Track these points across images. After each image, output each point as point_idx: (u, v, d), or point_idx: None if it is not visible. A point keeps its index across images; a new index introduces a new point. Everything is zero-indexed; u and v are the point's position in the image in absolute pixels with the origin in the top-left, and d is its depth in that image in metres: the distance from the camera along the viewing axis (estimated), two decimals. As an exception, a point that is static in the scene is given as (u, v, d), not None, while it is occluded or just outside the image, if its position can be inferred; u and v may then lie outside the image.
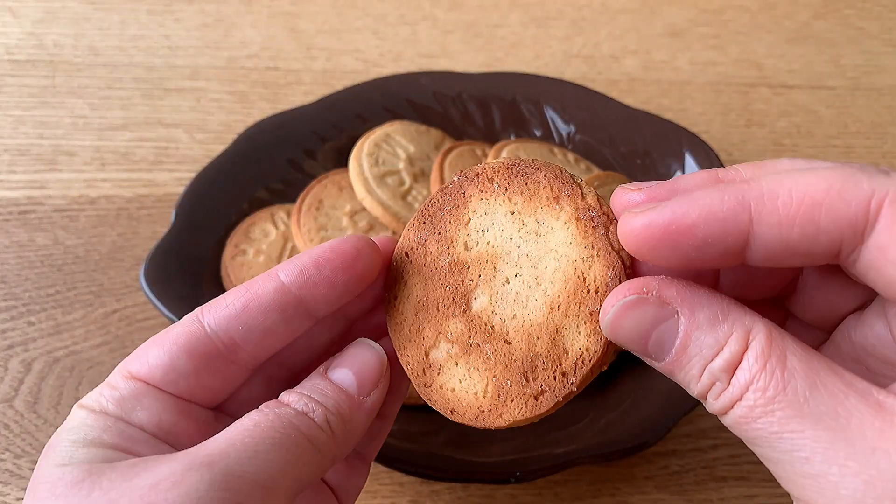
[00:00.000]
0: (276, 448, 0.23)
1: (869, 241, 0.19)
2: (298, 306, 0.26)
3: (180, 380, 0.25)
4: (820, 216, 0.19)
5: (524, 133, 0.57)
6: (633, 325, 0.22)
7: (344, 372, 0.26)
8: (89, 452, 0.23)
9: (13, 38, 0.66)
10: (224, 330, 0.26)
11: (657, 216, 0.21)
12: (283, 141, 0.54)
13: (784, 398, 0.19)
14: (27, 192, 0.55)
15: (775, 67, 0.69)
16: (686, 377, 0.21)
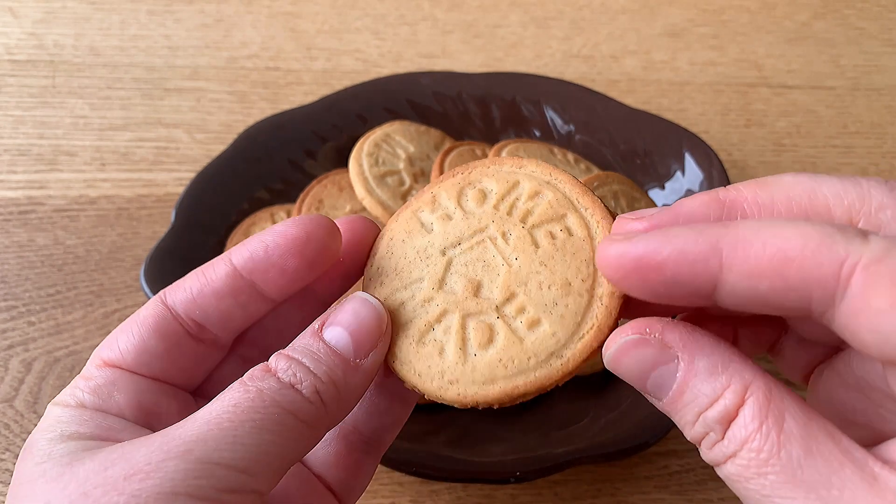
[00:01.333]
0: (256, 431, 0.22)
1: (841, 305, 0.19)
2: (252, 291, 0.26)
3: (153, 361, 0.25)
4: (790, 273, 0.19)
5: (524, 133, 0.57)
6: (633, 364, 0.22)
7: (338, 331, 0.24)
8: (67, 447, 0.22)
9: (13, 38, 0.66)
10: (185, 312, 0.26)
11: (631, 248, 0.21)
12: (283, 141, 0.54)
13: (778, 462, 0.19)
14: (27, 192, 0.55)
15: (775, 67, 0.69)
16: (681, 421, 0.22)
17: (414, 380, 0.25)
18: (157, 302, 0.26)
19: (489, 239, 0.26)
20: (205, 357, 0.27)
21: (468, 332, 0.25)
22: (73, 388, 0.25)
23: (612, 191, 0.50)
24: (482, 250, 0.26)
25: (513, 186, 0.27)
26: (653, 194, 0.52)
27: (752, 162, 0.61)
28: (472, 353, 0.25)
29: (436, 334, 0.25)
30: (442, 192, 0.27)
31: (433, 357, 0.25)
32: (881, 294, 0.18)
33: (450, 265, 0.26)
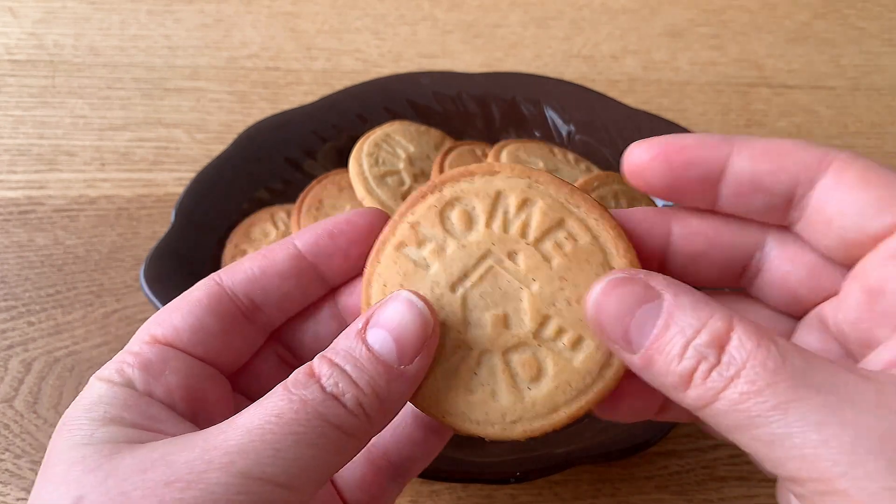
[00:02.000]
0: (299, 445, 0.21)
1: (819, 184, 0.23)
2: (313, 274, 0.26)
3: (208, 339, 0.25)
4: (785, 157, 0.23)
5: (524, 133, 0.57)
6: (617, 303, 0.22)
7: (382, 335, 0.23)
8: (109, 432, 0.22)
9: (13, 38, 0.66)
10: (243, 292, 0.26)
11: (658, 140, 0.24)
12: (283, 141, 0.54)
13: (785, 371, 0.19)
14: (27, 192, 0.55)
15: (775, 67, 0.69)
16: (667, 359, 0.21)
17: (473, 428, 0.24)
18: (211, 282, 0.26)
19: (497, 265, 0.25)
20: (252, 340, 0.27)
21: (514, 368, 0.24)
22: (120, 362, 0.24)
23: (613, 191, 0.49)
24: (494, 278, 0.25)
25: (496, 199, 0.25)
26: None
27: (753, 162, 0.61)
28: (527, 388, 0.24)
29: (481, 378, 0.24)
30: (420, 221, 0.25)
31: (487, 402, 0.24)
32: (855, 170, 0.22)
33: (465, 302, 0.25)
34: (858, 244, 0.22)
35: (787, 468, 0.19)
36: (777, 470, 0.20)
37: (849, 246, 0.22)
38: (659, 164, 0.24)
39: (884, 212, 0.21)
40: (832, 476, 0.18)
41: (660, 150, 0.24)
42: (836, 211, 0.22)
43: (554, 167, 0.52)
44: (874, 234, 0.22)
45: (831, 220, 0.22)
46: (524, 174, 0.25)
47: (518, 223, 0.25)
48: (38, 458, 0.42)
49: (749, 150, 0.23)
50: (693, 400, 0.21)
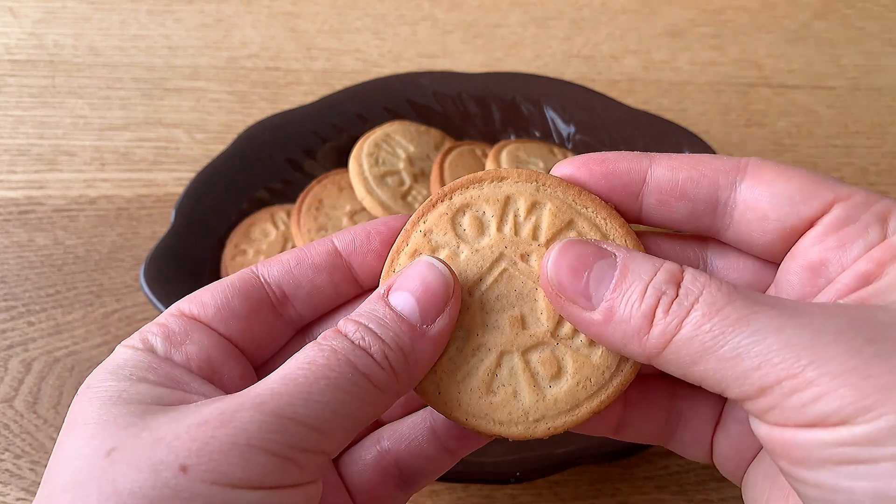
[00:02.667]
0: (331, 389, 0.21)
1: (741, 185, 0.24)
2: (347, 272, 0.27)
3: (232, 320, 0.26)
4: (703, 166, 0.24)
5: (524, 133, 0.57)
6: (574, 259, 0.23)
7: (404, 296, 0.24)
8: (138, 390, 0.22)
9: (13, 38, 0.66)
10: (276, 282, 0.26)
11: (580, 156, 0.26)
12: (283, 141, 0.54)
13: (739, 294, 0.21)
14: (27, 192, 0.55)
15: (775, 67, 0.69)
16: (628, 304, 0.22)
17: (497, 429, 0.25)
18: (248, 270, 0.27)
19: (511, 267, 0.25)
20: (279, 332, 0.27)
21: (534, 367, 0.25)
22: (144, 331, 0.25)
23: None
24: (509, 280, 0.25)
25: (505, 204, 0.26)
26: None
27: (753, 162, 0.61)
28: (547, 386, 0.25)
29: (502, 379, 0.25)
30: (432, 229, 0.26)
31: (509, 402, 0.25)
32: (770, 169, 0.24)
33: (483, 305, 0.25)
34: (796, 230, 0.24)
35: (753, 380, 0.20)
36: (744, 388, 0.21)
37: (787, 234, 0.24)
38: (581, 174, 0.25)
39: (812, 197, 0.23)
40: (798, 370, 0.20)
41: (582, 163, 0.25)
42: (769, 205, 0.24)
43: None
44: (808, 218, 0.23)
45: (766, 214, 0.24)
46: (532, 178, 0.26)
47: (529, 226, 0.25)
48: (38, 458, 0.42)
49: (667, 161, 0.25)
50: (656, 337, 0.22)
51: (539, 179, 0.26)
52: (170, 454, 0.20)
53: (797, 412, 0.20)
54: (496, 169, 0.27)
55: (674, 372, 0.22)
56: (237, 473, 0.20)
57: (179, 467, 0.20)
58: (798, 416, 0.20)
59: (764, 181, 0.24)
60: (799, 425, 0.20)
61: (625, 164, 0.25)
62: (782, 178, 0.24)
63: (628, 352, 0.23)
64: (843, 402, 0.19)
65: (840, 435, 0.19)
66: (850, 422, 0.19)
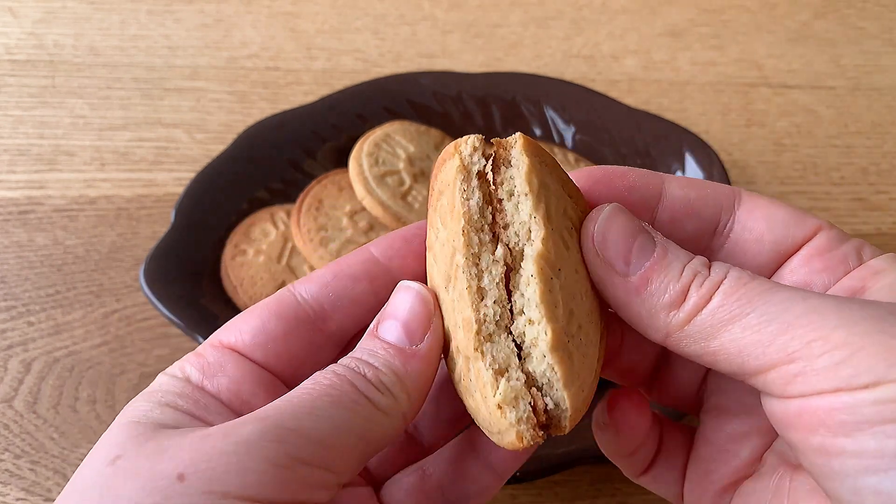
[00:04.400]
0: (333, 405, 0.22)
1: (740, 209, 0.26)
2: (387, 279, 0.27)
3: (269, 343, 0.26)
4: (707, 187, 0.26)
5: (524, 133, 0.57)
6: (623, 226, 0.24)
7: (390, 324, 0.25)
8: (161, 413, 0.23)
9: (13, 38, 0.66)
10: (314, 298, 0.26)
11: (598, 168, 0.26)
12: (283, 141, 0.54)
13: (761, 276, 0.23)
14: (27, 192, 0.55)
15: (775, 67, 0.69)
16: (666, 278, 0.23)
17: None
18: (284, 290, 0.27)
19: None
20: (318, 349, 0.27)
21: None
22: (183, 361, 0.26)
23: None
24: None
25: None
26: (653, 194, 0.52)
27: (753, 162, 0.61)
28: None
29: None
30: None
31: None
32: (760, 197, 0.26)
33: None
34: (786, 253, 0.25)
35: (779, 344, 0.21)
36: (768, 354, 0.21)
37: (779, 256, 0.25)
38: (603, 187, 0.26)
39: (802, 221, 0.25)
40: (827, 331, 0.20)
41: (602, 175, 0.26)
42: (766, 227, 0.25)
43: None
44: (798, 242, 0.25)
45: (763, 236, 0.25)
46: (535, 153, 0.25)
47: (542, 209, 0.24)
48: (38, 458, 0.42)
49: (678, 181, 0.26)
50: (688, 308, 0.22)
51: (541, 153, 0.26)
52: (169, 463, 0.20)
53: (828, 374, 0.20)
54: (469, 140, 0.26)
55: (688, 348, 0.23)
56: (234, 482, 0.20)
57: (177, 476, 0.20)
58: (829, 378, 0.19)
59: (759, 206, 0.26)
60: (829, 390, 0.20)
61: (644, 180, 0.26)
62: (774, 205, 0.26)
63: (649, 325, 0.23)
64: (876, 359, 0.19)
65: (879, 394, 0.19)
66: (885, 380, 0.19)
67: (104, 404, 0.44)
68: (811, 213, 0.26)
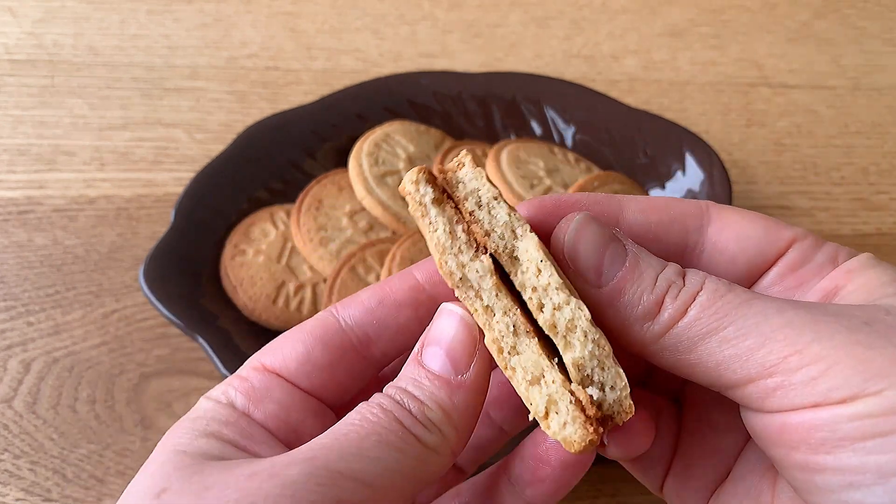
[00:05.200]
0: (381, 445, 0.21)
1: (709, 228, 0.25)
2: (432, 305, 0.26)
3: (314, 371, 0.25)
4: (671, 209, 0.25)
5: (524, 133, 0.57)
6: (593, 236, 0.23)
7: (434, 351, 0.24)
8: (207, 443, 0.22)
9: (12, 37, 0.66)
10: (359, 324, 0.26)
11: (547, 197, 0.26)
12: (283, 141, 0.54)
13: (737, 286, 0.22)
14: (26, 191, 0.55)
15: (776, 67, 0.69)
16: (639, 289, 0.23)
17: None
18: (327, 314, 0.26)
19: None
20: (361, 374, 0.27)
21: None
22: (227, 385, 0.25)
23: (613, 190, 0.49)
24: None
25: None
26: (653, 194, 0.52)
27: (753, 161, 0.61)
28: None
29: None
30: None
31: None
32: (731, 213, 0.25)
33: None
34: (759, 270, 0.25)
35: (757, 358, 0.20)
36: (746, 367, 0.21)
37: (752, 274, 0.25)
38: (555, 219, 0.24)
39: (774, 237, 0.25)
40: (803, 345, 0.20)
41: (554, 206, 0.25)
42: (738, 248, 0.25)
43: (554, 167, 0.52)
44: (771, 258, 0.25)
45: (736, 257, 0.25)
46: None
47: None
48: (37, 459, 0.42)
49: (637, 205, 0.25)
50: (664, 320, 0.22)
51: None
52: (215, 502, 0.20)
53: (805, 388, 0.20)
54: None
55: (665, 360, 0.22)
56: None
57: None
58: (806, 394, 0.20)
59: (729, 224, 0.25)
60: (807, 405, 0.20)
61: (598, 208, 0.25)
62: (745, 220, 0.25)
63: (625, 336, 0.23)
64: (852, 372, 0.19)
65: (857, 409, 0.19)
66: (863, 394, 0.19)
67: (103, 404, 0.44)
68: (786, 222, 0.25)
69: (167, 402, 0.45)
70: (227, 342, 0.43)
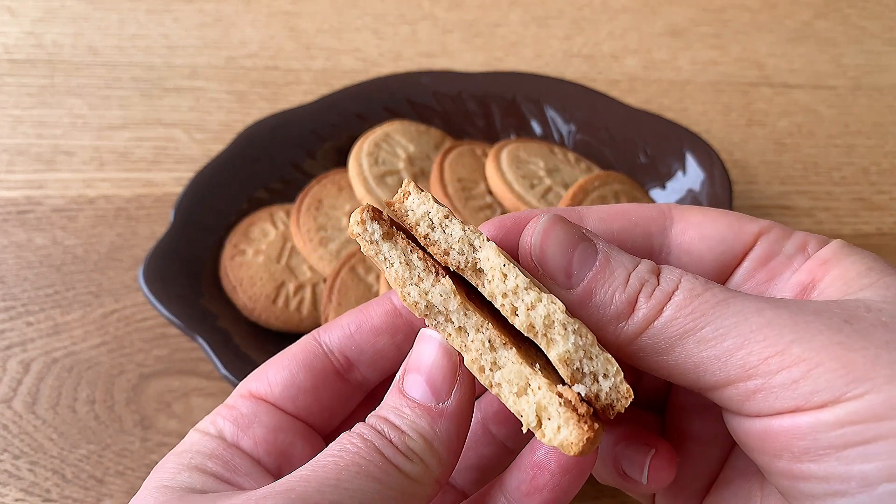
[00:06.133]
0: (359, 477, 0.21)
1: (672, 230, 0.25)
2: (409, 330, 0.26)
3: (299, 395, 0.26)
4: (631, 215, 0.25)
5: (524, 133, 0.57)
6: (560, 237, 0.23)
7: (414, 379, 0.23)
8: (190, 477, 0.23)
9: (12, 37, 0.66)
10: (339, 349, 0.26)
11: (504, 218, 0.25)
12: (283, 141, 0.54)
13: (714, 284, 0.22)
14: (26, 191, 0.55)
15: (776, 67, 0.69)
16: (610, 289, 0.22)
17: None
18: (310, 339, 0.26)
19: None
20: (347, 398, 0.27)
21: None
22: (216, 414, 0.25)
23: (614, 190, 0.49)
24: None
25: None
26: (654, 194, 0.52)
27: (754, 161, 0.61)
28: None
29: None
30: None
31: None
32: (694, 212, 0.25)
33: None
34: (728, 267, 0.24)
35: (736, 359, 0.20)
36: (725, 369, 0.20)
37: (721, 272, 0.25)
38: (516, 237, 0.24)
39: (739, 233, 0.24)
40: (783, 346, 0.19)
41: (514, 224, 0.25)
42: (704, 246, 0.24)
43: (554, 167, 0.52)
44: (739, 254, 0.24)
45: (702, 256, 0.24)
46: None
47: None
48: (37, 459, 0.42)
49: (597, 214, 0.25)
50: (636, 323, 0.22)
51: None
52: None
53: (785, 391, 0.19)
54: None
55: (643, 361, 0.22)
56: None
57: None
58: (786, 397, 0.19)
59: (692, 224, 0.25)
60: (788, 409, 0.19)
61: (563, 221, 0.24)
62: (708, 219, 0.25)
63: (601, 338, 0.22)
64: (833, 375, 0.19)
65: (839, 415, 0.19)
66: (844, 398, 0.18)
67: (103, 405, 0.44)
68: (748, 216, 0.25)
69: (167, 402, 0.45)
70: (226, 342, 0.42)
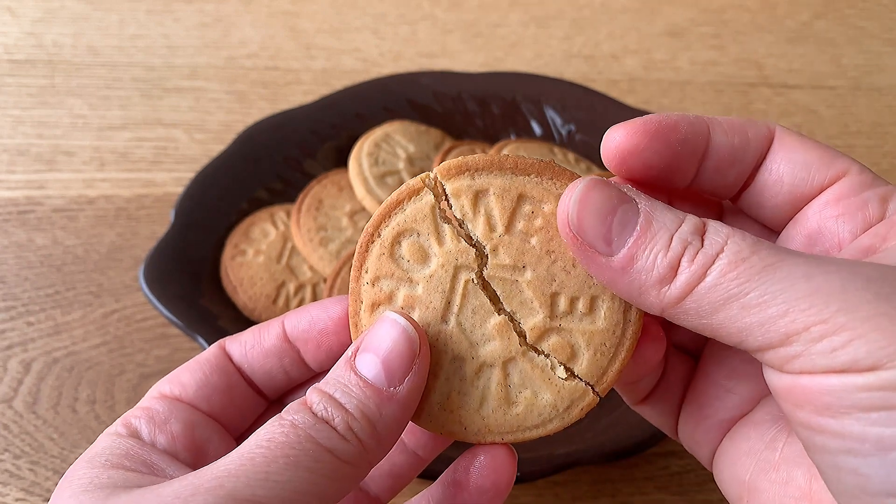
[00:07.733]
0: (291, 467, 0.20)
1: (775, 144, 0.25)
2: (296, 356, 0.27)
3: (213, 395, 0.26)
4: (748, 130, 0.24)
5: (524, 133, 0.57)
6: (600, 200, 0.22)
7: (369, 358, 0.23)
8: (109, 476, 0.22)
9: (12, 37, 0.66)
10: (238, 362, 0.27)
11: (644, 121, 0.24)
12: (283, 141, 0.54)
13: (763, 244, 0.21)
14: (26, 192, 0.55)
15: (776, 67, 0.69)
16: (652, 253, 0.21)
17: (533, 434, 0.24)
18: (217, 347, 0.27)
19: (474, 276, 0.24)
20: (256, 404, 0.27)
21: (542, 361, 0.24)
22: (128, 416, 0.25)
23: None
24: (475, 291, 0.24)
25: (434, 216, 0.24)
26: (653, 194, 0.52)
27: (753, 162, 0.61)
28: (564, 371, 0.24)
29: (516, 387, 0.24)
30: (378, 276, 0.24)
31: (533, 404, 0.24)
32: (792, 138, 0.25)
33: (462, 327, 0.24)
34: (805, 197, 0.24)
35: (778, 326, 0.20)
36: (768, 335, 0.20)
37: (796, 200, 0.24)
38: (659, 144, 0.23)
39: (826, 166, 0.24)
40: (828, 315, 0.19)
41: (657, 130, 0.23)
42: (787, 171, 0.24)
43: (554, 167, 0.52)
44: (818, 186, 0.24)
45: (782, 178, 0.24)
46: (457, 172, 0.24)
47: (480, 222, 0.24)
48: (37, 459, 0.42)
49: (721, 126, 0.24)
50: (679, 287, 0.21)
51: (469, 168, 0.24)
52: None
53: (825, 357, 0.19)
54: (408, 186, 0.24)
55: (687, 322, 0.22)
56: None
57: None
58: (826, 362, 0.19)
59: (787, 147, 0.24)
60: (826, 371, 0.19)
61: (694, 129, 0.24)
62: (804, 146, 0.24)
63: (641, 301, 0.22)
64: (874, 345, 0.19)
65: (870, 380, 0.19)
66: (881, 367, 0.18)
67: (103, 405, 0.44)
68: (849, 157, 0.25)
69: (167, 402, 0.45)
70: (226, 342, 0.43)
